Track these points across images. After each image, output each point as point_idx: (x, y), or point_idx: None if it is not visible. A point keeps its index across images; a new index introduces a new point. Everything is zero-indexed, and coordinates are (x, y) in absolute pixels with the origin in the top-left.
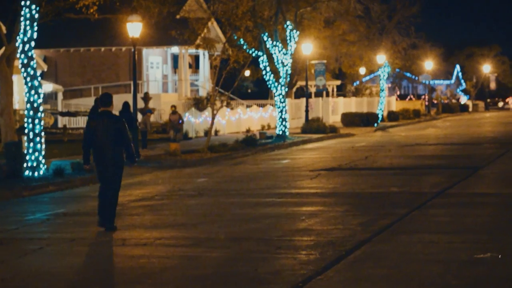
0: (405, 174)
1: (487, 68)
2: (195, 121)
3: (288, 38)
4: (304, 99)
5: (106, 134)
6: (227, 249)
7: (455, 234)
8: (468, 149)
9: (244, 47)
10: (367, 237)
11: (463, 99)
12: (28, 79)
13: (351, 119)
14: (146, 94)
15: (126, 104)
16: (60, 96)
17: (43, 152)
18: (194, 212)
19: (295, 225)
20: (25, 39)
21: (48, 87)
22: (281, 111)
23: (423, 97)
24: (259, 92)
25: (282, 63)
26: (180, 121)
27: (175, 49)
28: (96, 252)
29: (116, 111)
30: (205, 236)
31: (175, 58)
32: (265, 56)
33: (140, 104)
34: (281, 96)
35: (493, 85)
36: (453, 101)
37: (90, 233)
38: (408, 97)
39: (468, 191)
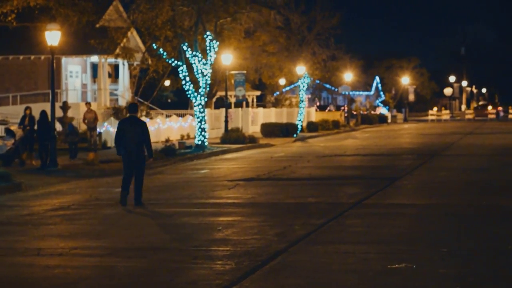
0: (323, 185)
1: (406, 80)
2: (114, 131)
3: (208, 48)
4: (224, 110)
5: (133, 134)
6: (143, 259)
7: (370, 245)
8: (386, 160)
9: (164, 57)
10: (283, 247)
11: (383, 111)
12: None
13: (271, 130)
14: (65, 103)
15: (43, 113)
16: None
17: None
18: (110, 221)
19: (212, 235)
20: None
21: None
22: (201, 121)
23: (342, 108)
24: (179, 102)
25: (202, 73)
26: (95, 119)
27: (94, 58)
28: (10, 262)
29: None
30: (121, 246)
31: (94, 67)
32: (184, 66)
33: (59, 113)
34: (200, 106)
35: (411, 97)
36: (372, 112)
37: (6, 243)
38: (328, 108)
39: (385, 201)
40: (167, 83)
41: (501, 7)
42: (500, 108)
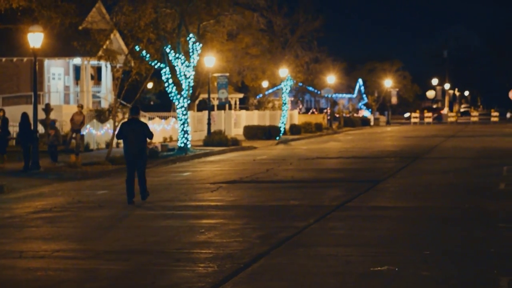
0: (305, 187)
1: (388, 83)
2: (97, 133)
3: (191, 50)
4: (206, 112)
5: (135, 134)
6: (125, 262)
7: (353, 247)
8: (369, 162)
9: (147, 59)
10: (266, 250)
11: (366, 113)
12: None
13: (254, 132)
14: (47, 105)
15: (25, 116)
16: None
17: None
18: (93, 224)
19: (194, 237)
20: None
21: None
22: (183, 124)
23: (325, 110)
24: (161, 105)
25: (185, 75)
26: (82, 122)
27: (77, 61)
28: None
29: (15, 122)
30: (104, 249)
31: (77, 70)
32: (167, 68)
33: (41, 115)
34: (183, 109)
35: (394, 100)
36: (355, 115)
37: None
38: (311, 110)
39: (367, 204)
40: (150, 85)
41: (483, 10)
42: (442, 111)
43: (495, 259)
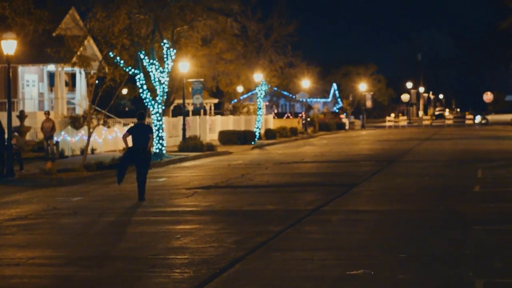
0: (280, 192)
1: (363, 87)
2: (71, 140)
3: (165, 56)
4: (181, 118)
5: (141, 137)
6: (101, 268)
7: (328, 251)
8: (344, 166)
9: (121, 65)
10: (241, 255)
11: (342, 117)
12: None
13: (229, 137)
14: (22, 112)
15: None
16: None
17: None
18: (68, 231)
19: (169, 243)
20: None
21: None
22: (158, 129)
23: (300, 115)
24: (136, 110)
25: (159, 81)
26: (53, 128)
27: (51, 67)
28: None
29: None
30: (79, 255)
31: (51, 76)
32: (142, 74)
33: (16, 122)
34: (158, 114)
35: (369, 104)
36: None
37: None
38: (286, 115)
39: (343, 208)
40: (124, 91)
41: (457, 13)
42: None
43: (470, 261)
